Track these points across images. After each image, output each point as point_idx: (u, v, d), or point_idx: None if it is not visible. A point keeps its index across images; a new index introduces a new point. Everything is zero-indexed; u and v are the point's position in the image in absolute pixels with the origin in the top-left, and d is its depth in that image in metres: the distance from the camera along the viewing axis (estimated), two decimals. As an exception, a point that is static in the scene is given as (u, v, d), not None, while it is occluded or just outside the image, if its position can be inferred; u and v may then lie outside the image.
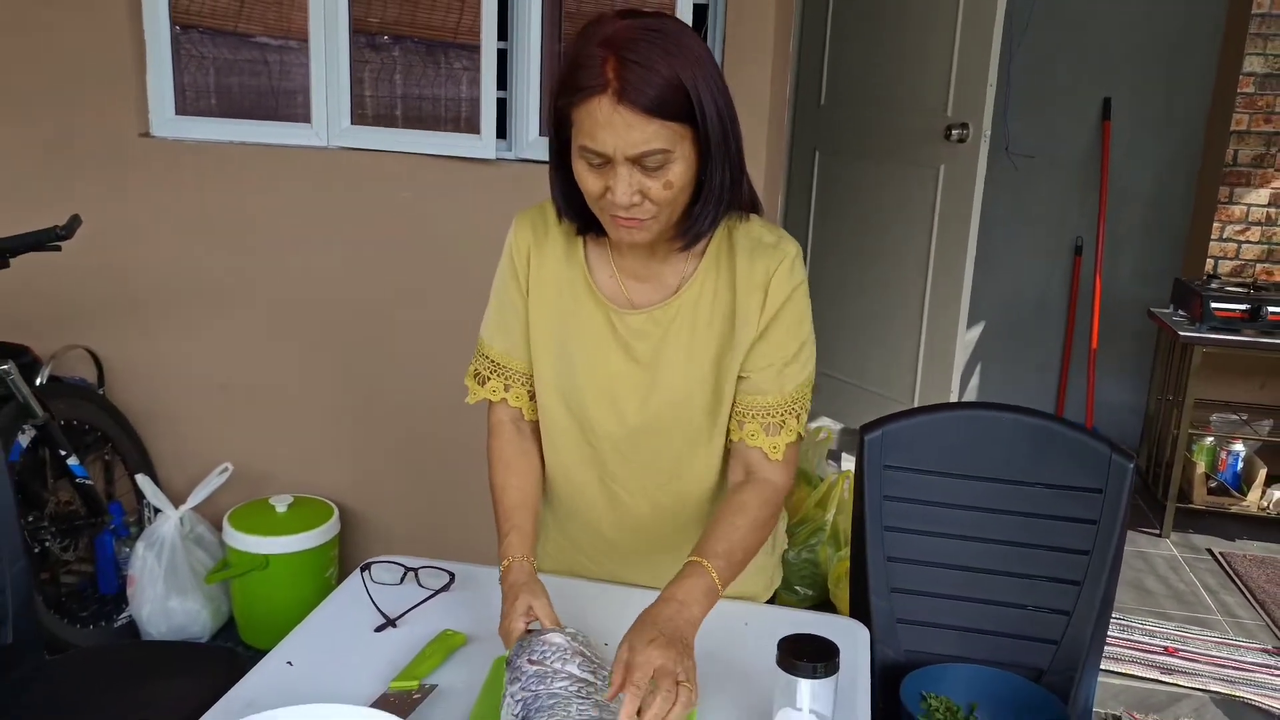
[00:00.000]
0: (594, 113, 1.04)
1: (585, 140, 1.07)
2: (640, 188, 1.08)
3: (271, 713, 0.96)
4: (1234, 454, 3.22)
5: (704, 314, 1.23)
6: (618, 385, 1.26)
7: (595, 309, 1.25)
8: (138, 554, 2.43)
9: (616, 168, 1.07)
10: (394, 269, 2.54)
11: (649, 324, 1.24)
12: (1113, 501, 1.48)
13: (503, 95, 2.48)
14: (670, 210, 1.12)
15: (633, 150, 1.05)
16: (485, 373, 1.32)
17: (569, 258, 1.26)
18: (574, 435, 1.31)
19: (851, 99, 3.60)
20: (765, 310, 1.21)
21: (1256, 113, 3.40)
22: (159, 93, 2.59)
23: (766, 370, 1.23)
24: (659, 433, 1.27)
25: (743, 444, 1.25)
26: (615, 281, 1.25)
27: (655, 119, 1.04)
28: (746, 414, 1.24)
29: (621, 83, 1.03)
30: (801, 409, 1.25)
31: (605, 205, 1.11)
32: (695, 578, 1.11)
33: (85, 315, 2.63)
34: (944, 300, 3.28)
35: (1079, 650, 1.50)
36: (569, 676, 1.02)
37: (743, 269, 1.22)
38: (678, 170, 1.09)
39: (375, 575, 1.36)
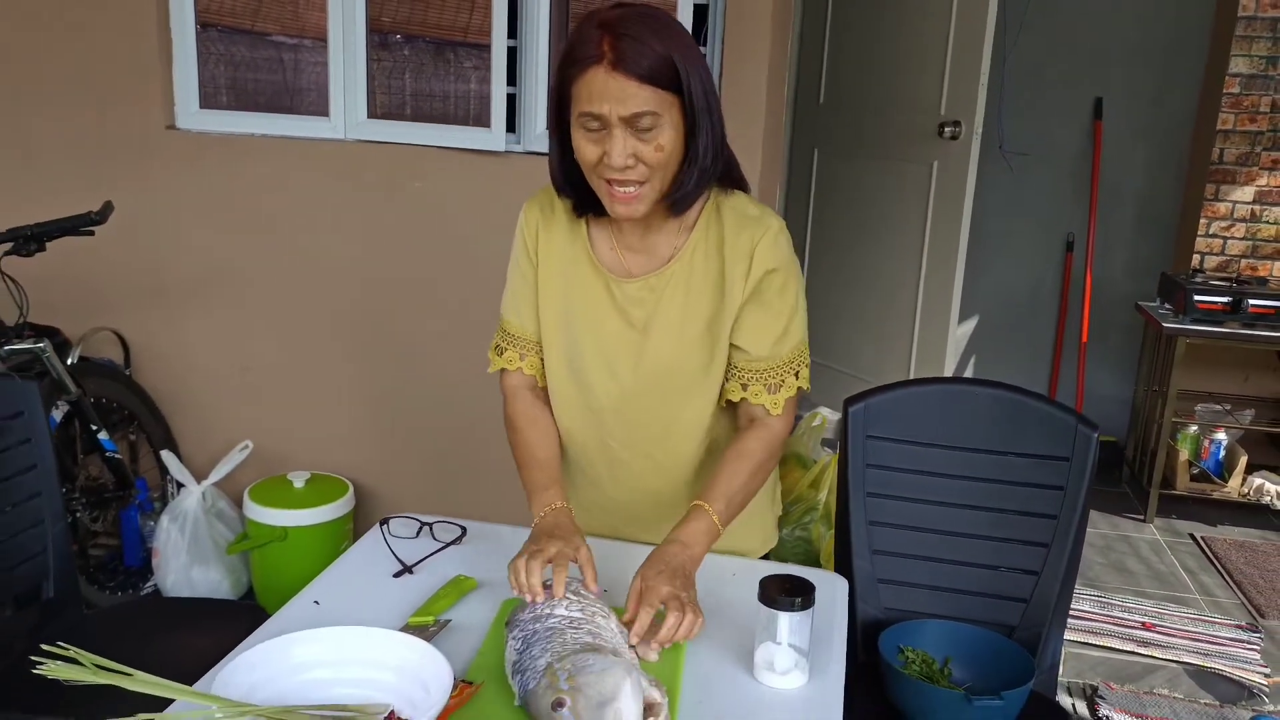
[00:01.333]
0: (591, 81, 1.18)
1: (584, 105, 1.19)
2: (634, 150, 1.20)
3: (308, 632, 1.08)
4: (1216, 442, 3.32)
5: (696, 281, 1.35)
6: (614, 349, 1.38)
7: (595, 278, 1.37)
8: (162, 526, 2.55)
9: (612, 130, 1.19)
10: (407, 256, 2.65)
11: (644, 291, 1.36)
12: (1078, 469, 1.58)
13: (512, 91, 2.59)
14: (661, 176, 1.24)
15: (626, 111, 1.17)
16: (503, 344, 1.45)
17: (573, 234, 1.39)
18: (577, 398, 1.42)
19: (849, 98, 3.70)
20: (750, 276, 1.33)
21: (1242, 112, 3.50)
22: (184, 87, 2.70)
23: (763, 340, 1.35)
24: (651, 392, 1.39)
25: (746, 402, 1.37)
26: (614, 253, 1.38)
27: (646, 85, 1.17)
28: (750, 377, 1.36)
29: (616, 53, 1.17)
30: (800, 365, 1.38)
31: (601, 170, 1.23)
32: (697, 520, 1.26)
33: (113, 299, 2.75)
34: (937, 293, 3.39)
35: (1046, 608, 1.60)
36: (560, 617, 1.12)
37: (730, 239, 1.34)
38: (667, 135, 1.21)
39: (393, 530, 1.48)
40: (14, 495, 1.61)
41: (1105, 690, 2.36)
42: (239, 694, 0.99)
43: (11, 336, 2.31)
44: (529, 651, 1.06)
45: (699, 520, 1.26)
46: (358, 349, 2.72)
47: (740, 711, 1.07)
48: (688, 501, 1.33)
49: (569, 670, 0.99)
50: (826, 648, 1.22)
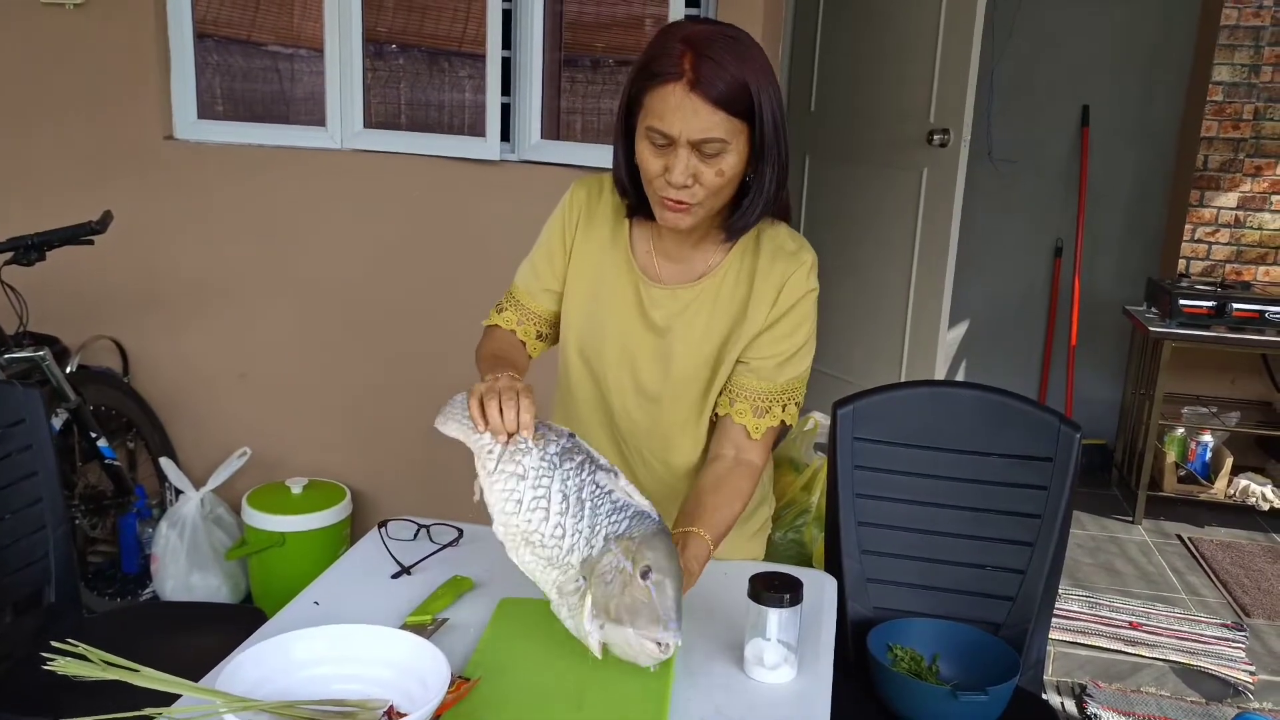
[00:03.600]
0: (667, 97, 1.18)
1: (654, 121, 1.20)
2: (695, 171, 1.21)
3: (310, 630, 1.10)
4: (1203, 444, 3.36)
5: (722, 301, 1.37)
6: (636, 348, 1.39)
7: (627, 277, 1.39)
8: (161, 533, 2.57)
9: (677, 149, 1.20)
10: (403, 264, 2.68)
11: (669, 299, 1.38)
12: (1061, 468, 1.61)
13: (506, 100, 2.62)
14: (715, 199, 1.26)
15: (696, 135, 1.18)
16: (506, 305, 1.47)
17: (615, 229, 1.41)
18: (590, 388, 1.44)
19: (840, 106, 3.75)
20: (775, 309, 1.35)
21: (1225, 120, 3.55)
22: (182, 98, 2.74)
23: (768, 361, 1.36)
24: (662, 400, 1.41)
25: (729, 419, 1.38)
26: (650, 257, 1.39)
27: (720, 110, 1.18)
28: (740, 394, 1.37)
29: (696, 74, 1.17)
30: (790, 399, 1.39)
31: (659, 186, 1.24)
32: (696, 547, 1.24)
33: (112, 308, 2.77)
34: (927, 298, 3.43)
35: (1031, 605, 1.63)
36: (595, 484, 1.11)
37: (763, 268, 1.36)
38: (730, 161, 1.22)
39: (391, 532, 1.50)
40: (16, 501, 1.64)
41: (1093, 689, 2.40)
42: (242, 691, 1.01)
43: (11, 345, 2.34)
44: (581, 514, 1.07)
45: (697, 548, 1.24)
46: (354, 356, 2.75)
47: (731, 705, 1.09)
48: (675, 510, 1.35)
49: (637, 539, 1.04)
50: (815, 644, 1.25)
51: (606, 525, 1.07)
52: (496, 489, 1.12)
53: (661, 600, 1.02)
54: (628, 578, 1.02)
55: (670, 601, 1.03)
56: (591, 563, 1.05)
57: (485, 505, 1.15)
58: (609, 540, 1.06)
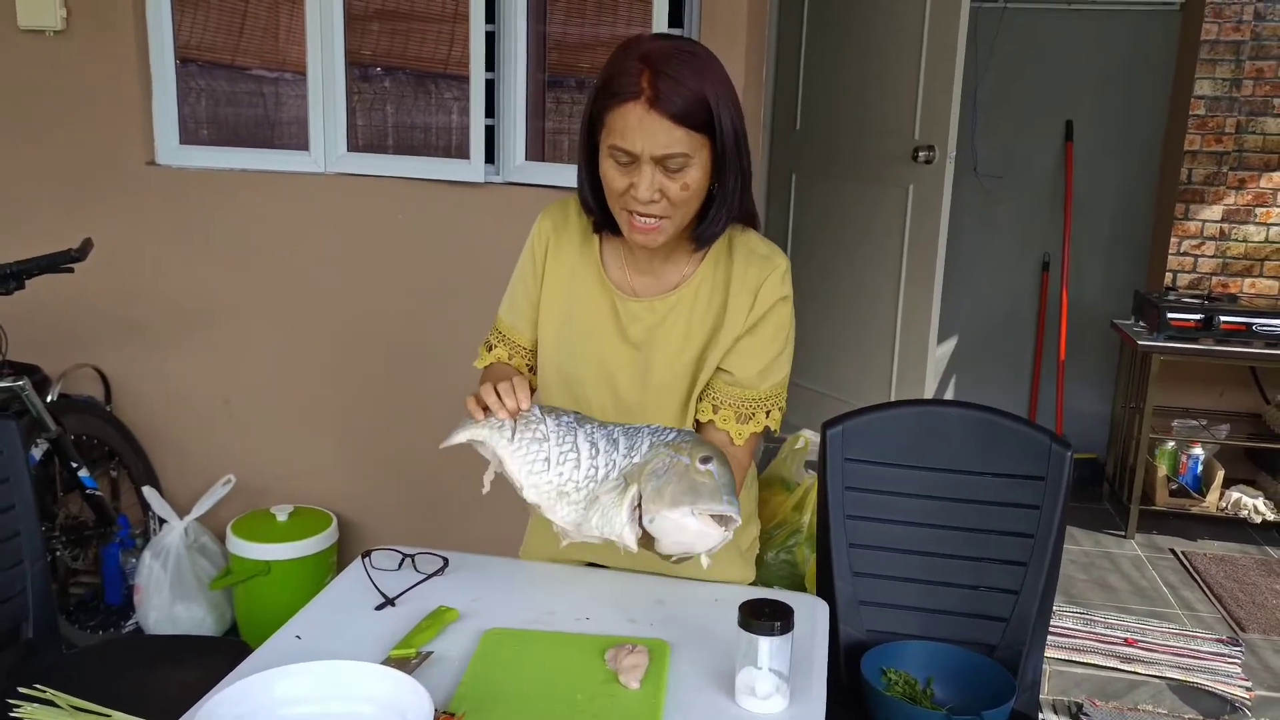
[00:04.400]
0: (627, 116, 1.20)
1: (616, 140, 1.22)
2: (660, 186, 1.23)
3: (292, 666, 1.08)
4: (1194, 458, 3.36)
5: (699, 310, 1.37)
6: (613, 364, 1.40)
7: (601, 294, 1.40)
8: (144, 563, 2.53)
9: (641, 166, 1.22)
10: (388, 288, 2.66)
11: (646, 311, 1.38)
12: (1053, 487, 1.60)
13: (490, 122, 2.61)
14: (682, 213, 1.28)
15: (658, 151, 1.20)
16: (494, 342, 1.48)
17: (585, 248, 1.42)
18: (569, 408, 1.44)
19: (825, 123, 3.76)
20: (752, 313, 1.35)
21: (1208, 133, 3.57)
22: (164, 123, 2.72)
23: (749, 368, 1.37)
24: (643, 413, 1.40)
25: (711, 426, 1.38)
26: (623, 272, 1.40)
27: (680, 126, 1.20)
28: (724, 402, 1.37)
29: (655, 91, 1.19)
30: (773, 405, 1.40)
31: (626, 202, 1.26)
32: None
33: (93, 335, 2.74)
34: (916, 314, 3.43)
35: (1026, 626, 1.61)
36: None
37: (737, 274, 1.36)
38: (694, 175, 1.24)
39: (375, 562, 1.48)
40: (-7, 535, 1.60)
41: (1090, 707, 2.37)
42: (221, 731, 0.99)
43: (-10, 375, 2.31)
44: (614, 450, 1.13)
45: None
46: (339, 381, 2.72)
47: (722, 737, 1.08)
48: None
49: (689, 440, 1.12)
50: (807, 671, 1.22)
51: (649, 438, 1.13)
52: (519, 457, 1.16)
53: (722, 478, 1.07)
54: (683, 467, 1.06)
55: (729, 481, 1.08)
56: (638, 467, 1.09)
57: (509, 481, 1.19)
58: (655, 446, 1.11)
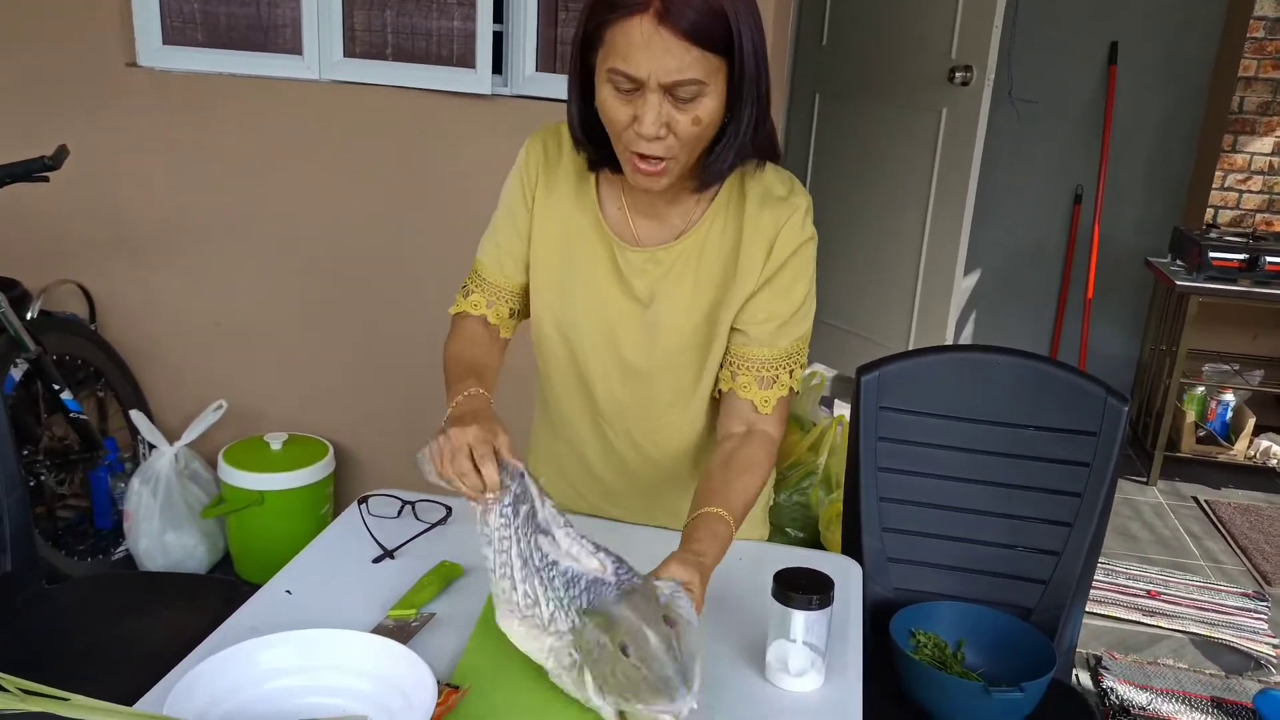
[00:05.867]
0: (631, 33, 1.01)
1: (618, 63, 1.02)
2: (668, 119, 1.04)
3: (276, 635, 0.98)
4: (1224, 404, 3.25)
5: (708, 260, 1.21)
6: (616, 321, 1.25)
7: (599, 242, 1.24)
8: (133, 489, 2.44)
9: (647, 94, 1.03)
10: (387, 205, 2.51)
11: (650, 263, 1.22)
12: (1106, 444, 1.49)
13: (499, 29, 2.43)
14: (690, 150, 1.09)
15: (667, 77, 1.01)
16: (472, 287, 1.31)
17: (579, 188, 1.24)
18: (568, 366, 1.30)
19: (854, 40, 3.54)
20: (769, 263, 1.19)
21: (1266, 58, 3.35)
22: (145, 22, 2.52)
23: (765, 324, 1.21)
24: (651, 377, 1.27)
25: (733, 395, 1.23)
26: (623, 216, 1.23)
27: (695, 46, 1.00)
28: (741, 366, 1.22)
29: (665, 2, 0.99)
30: (795, 364, 1.24)
31: (629, 139, 1.07)
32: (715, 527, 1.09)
33: (75, 249, 2.60)
34: (942, 246, 3.27)
35: (1066, 591, 1.52)
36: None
37: (751, 219, 1.19)
38: (708, 106, 1.05)
39: (373, 508, 1.37)
40: (-37, 465, 1.50)
41: (1109, 660, 2.31)
42: (199, 706, 0.89)
43: (-37, 290, 2.17)
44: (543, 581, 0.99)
45: (714, 526, 1.09)
46: (336, 303, 2.59)
47: (752, 716, 1.00)
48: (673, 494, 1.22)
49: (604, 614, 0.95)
50: (842, 644, 1.13)
51: (568, 598, 0.98)
52: (482, 549, 1.05)
53: (654, 670, 0.90)
54: (612, 655, 0.92)
55: (662, 669, 0.91)
56: (578, 636, 0.96)
57: None
58: (581, 615, 0.97)
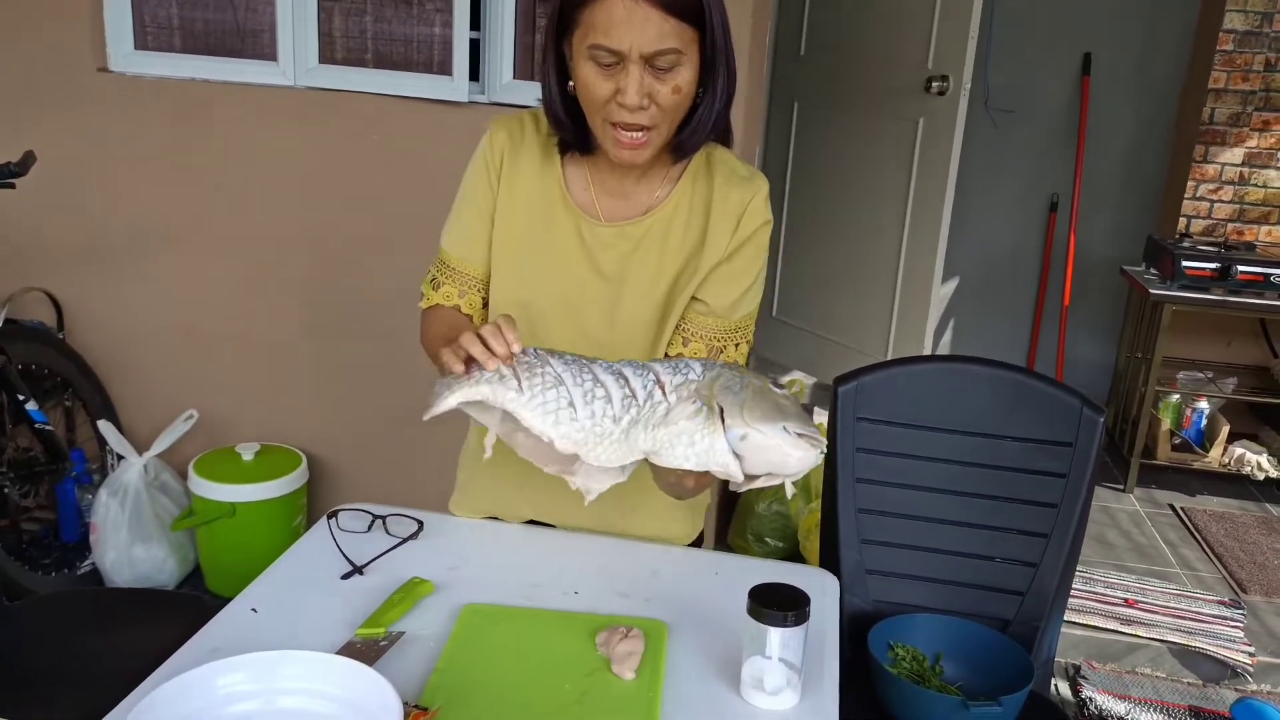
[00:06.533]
0: (612, 9, 1.07)
1: (599, 38, 1.08)
2: (649, 90, 1.10)
3: (236, 659, 0.95)
4: (1199, 411, 3.27)
5: (675, 236, 1.25)
6: (580, 295, 1.27)
7: (566, 218, 1.26)
8: (100, 501, 2.39)
9: (628, 66, 1.09)
10: (362, 213, 2.48)
11: (618, 238, 1.25)
12: (1082, 455, 1.49)
13: (476, 36, 2.41)
14: (670, 121, 1.15)
15: (648, 47, 1.07)
16: (441, 278, 1.32)
17: (545, 168, 1.27)
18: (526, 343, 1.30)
19: (832, 49, 3.54)
20: (735, 237, 1.24)
21: (1235, 71, 3.39)
22: (117, 26, 2.49)
23: (724, 296, 1.25)
24: (615, 350, 1.27)
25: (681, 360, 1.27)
26: (589, 196, 1.26)
27: (671, 16, 1.07)
28: (695, 334, 1.27)
29: None
30: (743, 338, 1.30)
31: (611, 111, 1.12)
32: None
33: (43, 257, 2.56)
34: (920, 254, 3.28)
35: (1044, 602, 1.52)
36: None
37: (719, 196, 1.24)
38: (686, 75, 1.11)
39: (342, 523, 1.34)
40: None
41: (1088, 670, 2.31)
42: (154, 733, 0.86)
43: (-74, 298, 2.13)
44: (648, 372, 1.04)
45: None
46: (310, 311, 2.56)
47: (726, 737, 0.98)
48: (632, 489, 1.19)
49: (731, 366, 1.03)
50: (818, 659, 1.11)
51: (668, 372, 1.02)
52: (536, 407, 1.01)
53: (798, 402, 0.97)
54: (758, 388, 0.95)
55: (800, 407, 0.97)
56: (706, 385, 0.98)
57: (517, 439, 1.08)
58: (707, 368, 1.01)
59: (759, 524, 2.67)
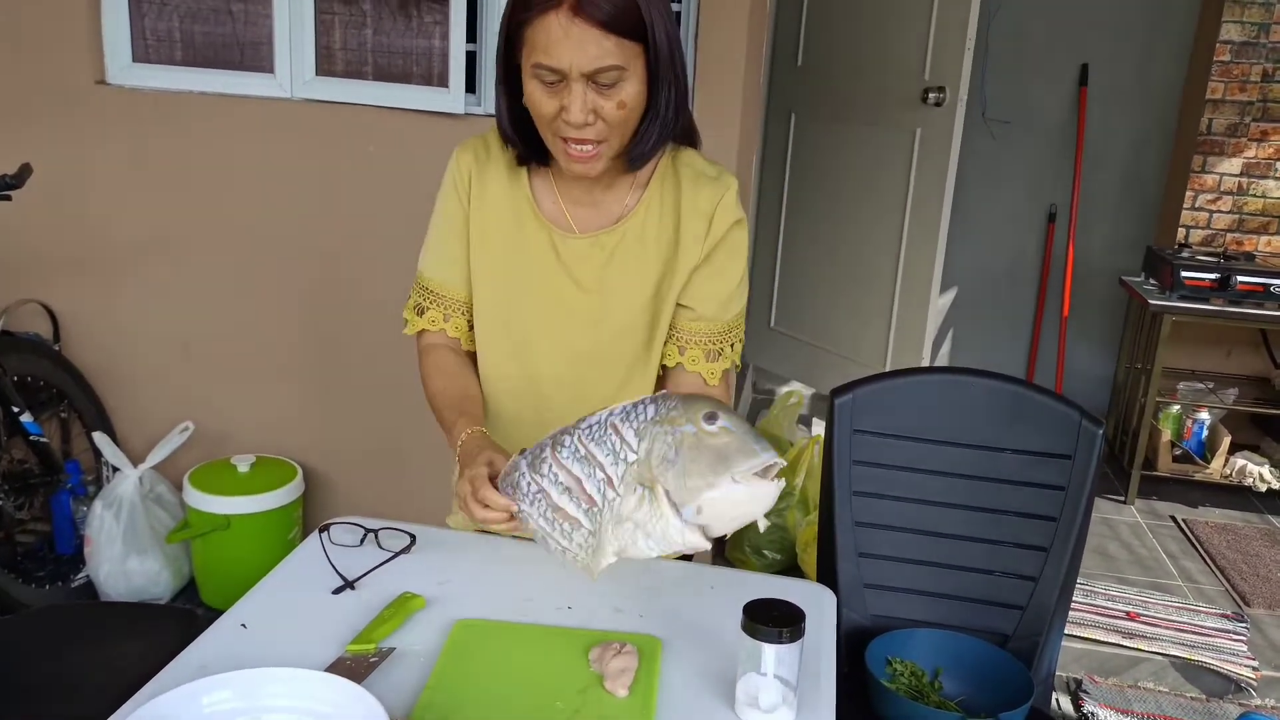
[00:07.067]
0: (550, 27, 1.06)
1: (540, 57, 1.08)
2: (594, 106, 1.10)
3: (221, 676, 0.94)
4: (1199, 422, 3.25)
5: (649, 241, 1.25)
6: (564, 312, 1.26)
7: (539, 233, 1.26)
8: (95, 513, 2.38)
9: (571, 85, 1.09)
10: (359, 225, 2.48)
11: (593, 248, 1.25)
12: (1081, 468, 1.48)
13: (472, 48, 2.41)
14: (621, 133, 1.14)
15: (589, 66, 1.07)
16: (424, 303, 1.32)
17: (512, 184, 1.27)
18: (512, 366, 1.30)
19: (829, 60, 3.55)
20: (709, 238, 1.24)
21: (1232, 81, 3.39)
22: (115, 39, 2.49)
23: (711, 299, 1.26)
24: (602, 362, 1.28)
25: (681, 369, 1.28)
26: (559, 208, 1.26)
27: (610, 34, 1.06)
28: (689, 340, 1.27)
29: None
30: (737, 339, 1.30)
31: (558, 128, 1.12)
32: None
33: (40, 268, 2.55)
34: (918, 265, 3.27)
35: (1044, 616, 1.50)
36: None
37: (687, 198, 1.24)
38: (630, 90, 1.11)
39: (334, 537, 1.33)
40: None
41: (1089, 684, 2.29)
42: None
43: (-80, 310, 2.12)
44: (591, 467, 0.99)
45: None
46: (306, 323, 2.55)
47: (721, 755, 0.96)
48: None
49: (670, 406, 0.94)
50: (814, 675, 1.10)
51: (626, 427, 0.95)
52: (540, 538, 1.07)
53: (739, 427, 0.89)
54: (693, 438, 0.88)
55: (746, 425, 0.91)
56: (643, 464, 0.92)
57: None
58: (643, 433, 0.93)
59: (756, 537, 2.65)
